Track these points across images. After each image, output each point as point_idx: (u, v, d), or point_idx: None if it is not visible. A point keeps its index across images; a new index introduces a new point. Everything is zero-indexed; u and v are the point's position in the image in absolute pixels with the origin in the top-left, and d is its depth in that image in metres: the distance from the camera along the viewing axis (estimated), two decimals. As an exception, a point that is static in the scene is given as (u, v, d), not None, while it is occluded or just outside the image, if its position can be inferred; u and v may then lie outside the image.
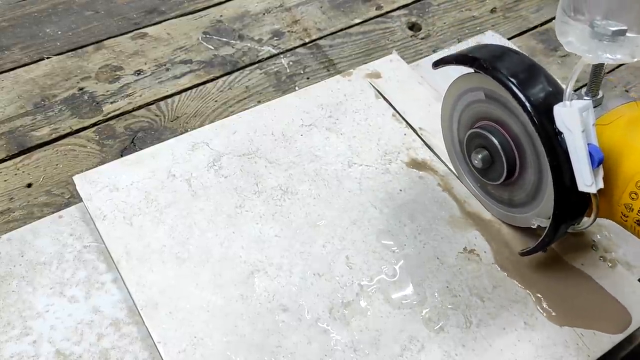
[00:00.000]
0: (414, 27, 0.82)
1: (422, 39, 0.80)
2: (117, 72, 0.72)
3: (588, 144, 0.42)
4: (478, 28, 0.83)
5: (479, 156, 0.51)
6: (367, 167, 0.59)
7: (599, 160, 0.42)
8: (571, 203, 0.45)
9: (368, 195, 0.57)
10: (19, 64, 0.72)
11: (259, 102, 0.69)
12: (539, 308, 0.50)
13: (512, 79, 0.45)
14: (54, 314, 0.48)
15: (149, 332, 0.47)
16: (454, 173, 0.59)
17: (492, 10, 0.87)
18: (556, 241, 0.50)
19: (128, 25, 0.79)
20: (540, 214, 0.49)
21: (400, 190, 0.58)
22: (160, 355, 0.46)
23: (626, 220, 0.44)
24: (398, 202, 0.57)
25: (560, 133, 0.43)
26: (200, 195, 0.56)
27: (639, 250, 0.56)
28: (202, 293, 0.49)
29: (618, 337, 0.49)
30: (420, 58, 0.76)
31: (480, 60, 0.47)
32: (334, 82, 0.67)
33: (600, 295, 0.51)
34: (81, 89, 0.70)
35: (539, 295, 0.51)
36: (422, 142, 0.62)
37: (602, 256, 0.54)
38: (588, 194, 0.43)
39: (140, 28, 0.79)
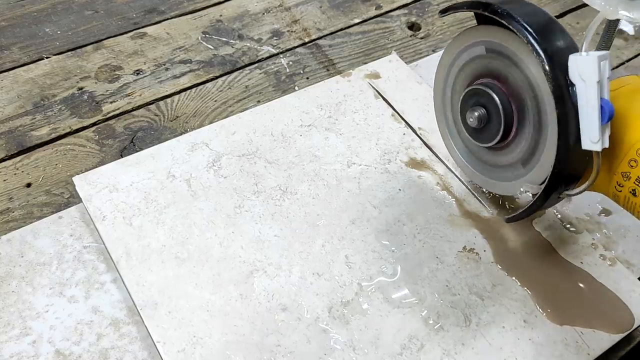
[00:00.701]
0: (413, 26, 0.82)
1: (421, 38, 0.80)
2: (117, 72, 0.72)
3: (600, 98, 0.40)
4: (477, 27, 0.83)
5: (475, 114, 0.49)
6: (366, 167, 0.59)
7: (609, 114, 0.40)
8: (571, 163, 0.43)
9: (367, 195, 0.57)
10: (18, 63, 0.72)
11: (259, 101, 0.69)
12: (538, 306, 0.50)
13: (527, 26, 0.43)
14: (54, 314, 0.48)
15: (149, 332, 0.47)
16: (453, 172, 0.59)
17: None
18: (545, 208, 0.47)
19: (127, 25, 0.79)
20: (532, 180, 0.47)
21: (400, 189, 0.58)
22: (160, 355, 0.46)
23: (620, 191, 0.43)
24: (397, 202, 0.57)
25: (572, 85, 0.41)
26: (200, 195, 0.56)
27: (639, 248, 0.56)
28: (202, 293, 0.49)
29: (618, 336, 0.49)
30: (420, 58, 0.76)
31: (494, 5, 0.45)
32: (334, 83, 0.67)
33: (600, 294, 0.51)
34: (80, 88, 0.70)
35: (539, 294, 0.51)
36: (421, 142, 0.62)
37: (602, 254, 0.54)
38: (588, 157, 0.42)
39: (139, 28, 0.79)
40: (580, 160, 0.43)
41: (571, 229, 0.56)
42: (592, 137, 0.41)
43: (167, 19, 0.80)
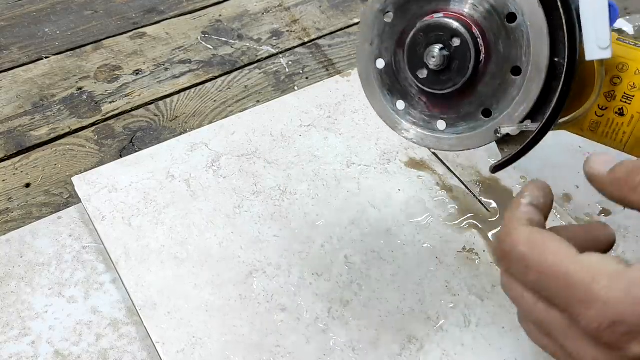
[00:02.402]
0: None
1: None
2: (116, 72, 0.72)
3: None
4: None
5: (436, 51, 0.38)
6: (365, 167, 0.59)
7: (616, 15, 0.35)
8: (574, 81, 0.36)
9: (367, 195, 0.57)
10: (18, 63, 0.72)
11: (258, 101, 0.69)
12: (538, 307, 0.50)
13: None
14: (53, 314, 0.48)
15: (148, 332, 0.47)
16: (453, 172, 0.59)
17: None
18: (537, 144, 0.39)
19: (127, 25, 0.79)
20: (509, 119, 0.39)
21: (399, 190, 0.58)
22: (159, 355, 0.46)
23: (602, 115, 0.39)
24: (397, 202, 0.57)
25: None
26: (199, 195, 0.56)
27: (639, 248, 0.56)
28: (201, 293, 0.49)
29: (617, 337, 0.49)
30: (419, 57, 0.76)
31: None
32: (333, 83, 0.67)
33: (599, 295, 0.51)
34: (80, 88, 0.70)
35: (538, 295, 0.51)
36: (421, 142, 0.62)
37: (601, 255, 0.54)
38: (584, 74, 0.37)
39: (139, 28, 0.79)
40: (581, 77, 0.37)
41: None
42: (601, 43, 0.35)
43: (167, 19, 0.80)
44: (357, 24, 0.82)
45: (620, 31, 0.81)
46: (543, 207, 0.34)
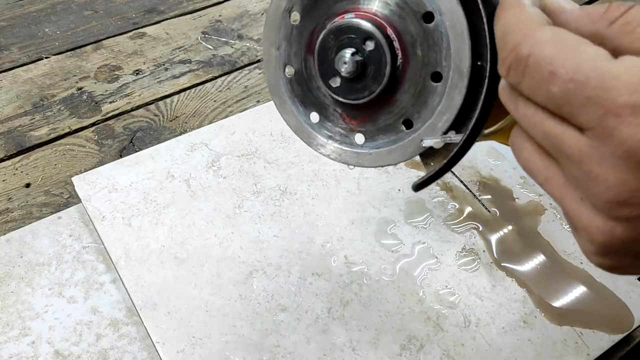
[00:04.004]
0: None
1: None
2: (116, 72, 0.72)
3: None
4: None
5: (347, 56, 0.34)
6: (365, 167, 0.59)
7: None
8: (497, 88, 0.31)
9: (366, 195, 0.57)
10: (18, 63, 0.72)
11: (258, 101, 0.69)
12: (537, 307, 0.50)
13: None
14: (53, 314, 0.48)
15: (148, 332, 0.47)
16: (453, 173, 0.59)
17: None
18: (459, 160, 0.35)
19: (127, 25, 0.79)
20: (432, 130, 0.35)
21: (399, 189, 0.58)
22: (159, 355, 0.46)
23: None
24: (396, 202, 0.57)
25: None
26: (199, 195, 0.56)
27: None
28: (201, 293, 0.49)
29: (618, 336, 0.49)
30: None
31: None
32: (333, 82, 0.67)
33: (600, 294, 0.51)
34: (80, 88, 0.70)
35: (538, 294, 0.51)
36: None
37: (601, 255, 0.54)
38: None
39: (139, 28, 0.78)
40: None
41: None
42: None
43: (167, 19, 0.80)
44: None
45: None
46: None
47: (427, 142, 0.35)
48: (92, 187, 0.56)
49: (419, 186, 0.36)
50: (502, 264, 0.53)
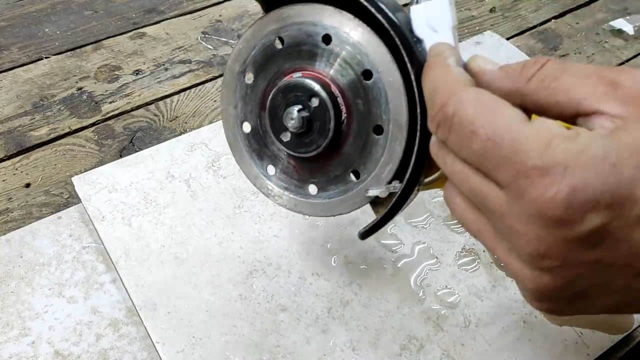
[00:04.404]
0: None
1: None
2: (116, 72, 0.72)
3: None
4: (477, 27, 0.83)
5: (294, 113, 0.36)
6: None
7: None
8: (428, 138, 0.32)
9: (367, 195, 0.57)
10: (18, 63, 0.72)
11: (258, 101, 0.69)
12: (538, 307, 0.50)
13: None
14: (53, 314, 0.48)
15: (148, 333, 0.47)
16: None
17: (492, 10, 0.86)
18: (406, 206, 0.38)
19: (127, 25, 0.79)
20: (377, 181, 0.37)
21: (399, 189, 0.58)
22: (159, 355, 0.46)
23: None
24: (397, 202, 0.57)
25: (419, 41, 0.33)
26: (199, 195, 0.56)
27: (638, 249, 0.56)
28: (201, 293, 0.49)
29: (618, 336, 0.49)
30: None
31: None
32: (333, 82, 0.67)
33: (599, 295, 0.51)
34: (80, 88, 0.70)
35: (538, 295, 0.51)
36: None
37: (601, 255, 0.54)
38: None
39: (139, 28, 0.79)
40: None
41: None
42: None
43: (167, 19, 0.80)
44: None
45: (620, 31, 0.81)
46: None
47: (372, 192, 0.37)
48: (92, 187, 0.56)
49: (364, 234, 0.39)
50: (502, 264, 0.53)
